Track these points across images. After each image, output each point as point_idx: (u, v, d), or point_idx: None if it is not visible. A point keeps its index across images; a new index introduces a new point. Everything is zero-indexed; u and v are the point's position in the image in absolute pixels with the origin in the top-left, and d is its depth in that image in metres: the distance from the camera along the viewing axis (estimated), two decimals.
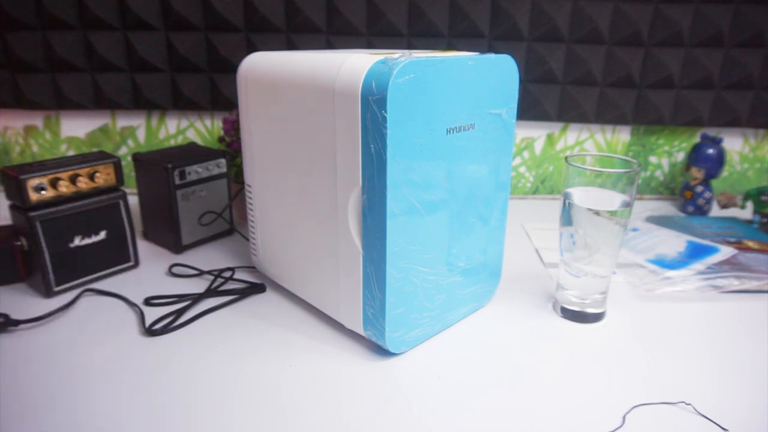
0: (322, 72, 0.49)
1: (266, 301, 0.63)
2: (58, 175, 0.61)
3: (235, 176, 0.83)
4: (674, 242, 0.77)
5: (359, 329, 0.54)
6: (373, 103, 0.44)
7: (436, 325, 0.56)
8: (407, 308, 0.51)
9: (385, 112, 0.43)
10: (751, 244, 0.76)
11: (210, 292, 0.64)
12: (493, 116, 0.54)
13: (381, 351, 0.54)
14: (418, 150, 0.47)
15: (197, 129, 0.96)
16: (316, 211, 0.54)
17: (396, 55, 0.47)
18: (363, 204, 0.48)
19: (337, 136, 0.48)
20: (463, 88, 0.49)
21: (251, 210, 0.65)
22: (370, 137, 0.45)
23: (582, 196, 0.56)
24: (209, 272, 0.68)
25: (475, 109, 0.51)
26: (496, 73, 0.52)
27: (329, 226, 0.53)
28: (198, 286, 0.66)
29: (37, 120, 0.95)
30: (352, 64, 0.47)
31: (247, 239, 0.78)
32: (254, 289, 0.65)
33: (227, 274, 0.68)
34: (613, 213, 0.55)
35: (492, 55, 0.52)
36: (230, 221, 0.81)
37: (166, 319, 0.59)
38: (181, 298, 0.62)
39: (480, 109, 0.52)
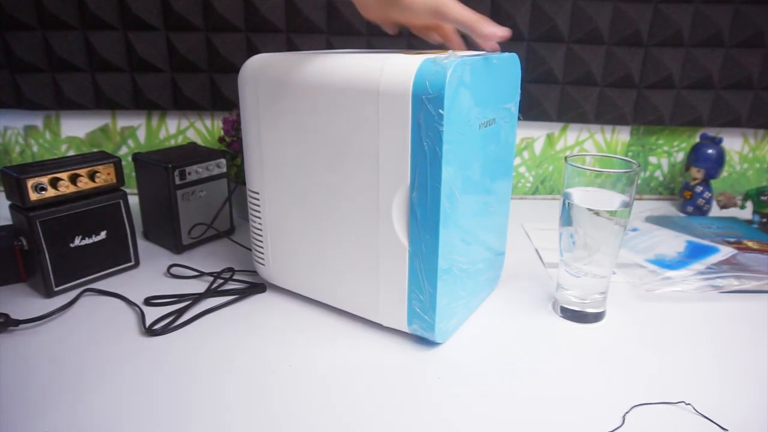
0: (361, 73, 0.49)
1: (266, 301, 0.63)
2: (58, 175, 0.61)
3: (235, 176, 0.83)
4: (674, 242, 0.77)
5: (401, 326, 0.55)
6: (428, 102, 0.45)
7: (465, 312, 0.59)
8: (449, 298, 0.53)
9: (442, 110, 0.45)
10: (750, 244, 0.77)
11: (210, 292, 0.64)
12: (505, 110, 0.56)
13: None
14: (461, 145, 0.49)
15: (197, 129, 0.96)
16: (352, 213, 0.54)
17: (443, 54, 0.49)
18: (412, 200, 0.49)
19: (381, 136, 0.49)
20: (490, 85, 0.52)
21: (257, 218, 0.63)
22: (423, 135, 0.46)
23: (582, 196, 0.56)
24: (209, 273, 0.68)
25: (495, 105, 0.54)
26: (508, 70, 0.56)
27: (367, 226, 0.53)
28: (198, 286, 0.66)
29: (37, 120, 0.95)
30: (396, 65, 0.48)
31: (247, 248, 0.77)
32: (254, 289, 0.65)
33: (227, 274, 0.68)
34: (612, 213, 0.55)
35: (505, 54, 0.55)
36: (230, 221, 0.81)
37: (166, 318, 0.59)
38: (180, 298, 0.62)
39: (498, 105, 0.55)
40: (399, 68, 0.47)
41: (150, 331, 0.56)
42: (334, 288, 0.59)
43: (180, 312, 0.59)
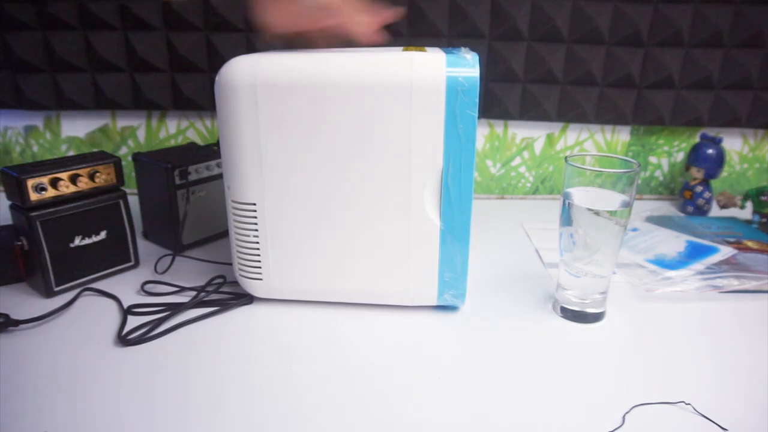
0: (390, 71, 0.53)
1: (258, 310, 0.63)
2: (58, 175, 0.61)
3: None
4: (674, 242, 0.77)
5: (431, 300, 0.60)
6: (462, 93, 0.52)
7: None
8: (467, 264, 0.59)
9: (476, 98, 0.52)
10: (750, 244, 0.77)
11: (192, 304, 0.61)
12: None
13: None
14: (476, 127, 0.54)
15: (197, 129, 0.96)
16: (379, 204, 0.57)
17: (463, 50, 0.55)
18: (446, 182, 0.55)
19: (413, 127, 0.54)
20: None
21: (251, 231, 0.59)
22: (459, 122, 0.53)
23: (582, 196, 0.56)
24: (191, 288, 0.65)
25: None
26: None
27: (398, 213, 0.57)
28: (196, 284, 0.66)
29: (37, 120, 0.95)
30: (425, 61, 0.53)
31: (227, 263, 0.75)
32: (241, 300, 0.62)
33: (212, 287, 0.66)
34: (612, 213, 0.55)
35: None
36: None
37: (144, 327, 0.57)
38: (164, 307, 0.60)
39: None
40: (429, 64, 0.52)
41: (124, 341, 0.55)
42: (355, 284, 0.60)
43: (161, 321, 0.58)
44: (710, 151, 0.90)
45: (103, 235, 0.66)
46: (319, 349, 0.55)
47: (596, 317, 0.60)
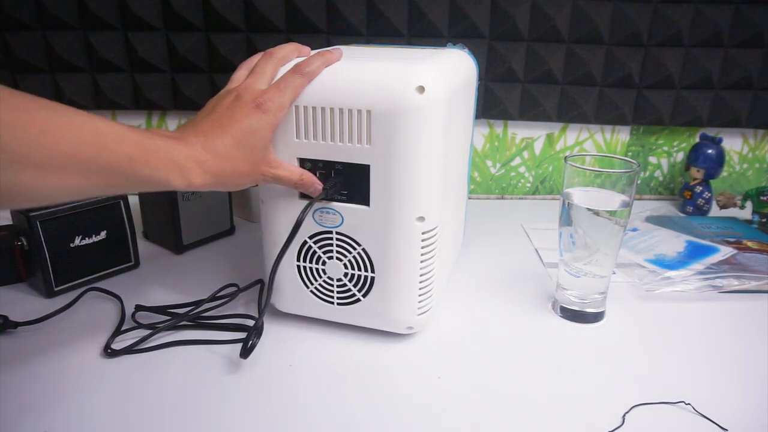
0: (466, 70, 0.60)
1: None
2: None
3: None
4: (674, 242, 0.77)
5: None
6: (479, 81, 0.73)
7: None
8: None
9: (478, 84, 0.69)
10: (750, 244, 0.77)
11: (193, 320, 0.58)
12: None
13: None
14: None
15: None
16: (460, 182, 0.64)
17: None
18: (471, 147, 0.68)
19: (470, 109, 0.65)
20: None
21: (430, 257, 0.53)
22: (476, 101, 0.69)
23: (581, 196, 0.56)
24: (185, 313, 0.59)
25: None
26: None
27: (464, 185, 0.69)
28: (201, 292, 0.66)
29: None
30: (468, 57, 0.64)
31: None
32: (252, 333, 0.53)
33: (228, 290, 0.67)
34: (612, 213, 0.55)
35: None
36: (230, 221, 0.81)
37: (144, 332, 0.56)
38: (155, 325, 0.57)
39: None
40: (471, 60, 0.64)
41: (110, 353, 0.53)
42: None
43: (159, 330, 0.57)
44: (710, 151, 0.90)
45: (103, 235, 0.66)
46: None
47: (596, 317, 0.60)
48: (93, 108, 0.92)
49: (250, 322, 0.57)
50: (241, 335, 0.55)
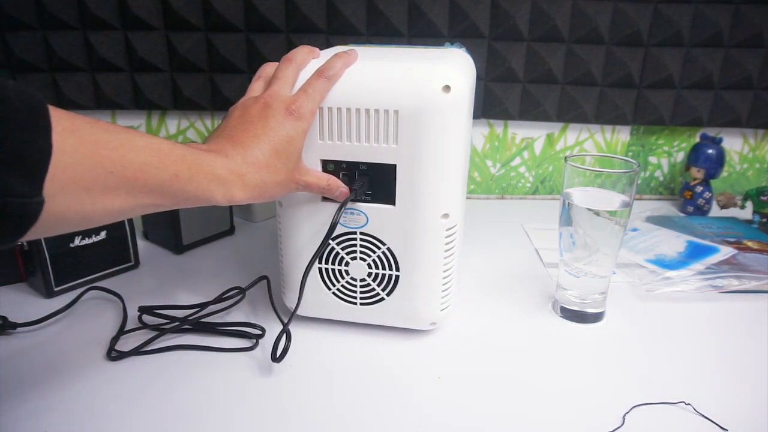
0: (472, 69, 0.61)
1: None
2: None
3: None
4: (674, 242, 0.77)
5: None
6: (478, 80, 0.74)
7: None
8: None
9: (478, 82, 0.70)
10: (750, 244, 0.77)
11: (199, 324, 0.57)
12: None
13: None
14: None
15: (197, 129, 0.96)
16: (463, 181, 0.61)
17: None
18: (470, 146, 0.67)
19: (471, 113, 0.62)
20: None
21: (450, 255, 0.53)
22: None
23: (582, 196, 0.56)
24: (188, 316, 0.59)
25: None
26: None
27: (465, 184, 0.64)
28: (204, 294, 0.66)
29: None
30: (470, 57, 0.64)
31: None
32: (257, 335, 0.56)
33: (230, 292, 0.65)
34: (612, 213, 0.55)
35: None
36: (230, 221, 0.81)
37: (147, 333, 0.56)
38: (158, 327, 0.57)
39: None
40: (472, 62, 0.64)
41: (111, 357, 0.52)
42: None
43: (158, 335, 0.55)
44: (710, 151, 0.90)
45: (103, 235, 0.66)
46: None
47: (596, 317, 0.60)
48: (93, 108, 0.92)
49: (254, 328, 0.57)
50: (246, 342, 0.55)
